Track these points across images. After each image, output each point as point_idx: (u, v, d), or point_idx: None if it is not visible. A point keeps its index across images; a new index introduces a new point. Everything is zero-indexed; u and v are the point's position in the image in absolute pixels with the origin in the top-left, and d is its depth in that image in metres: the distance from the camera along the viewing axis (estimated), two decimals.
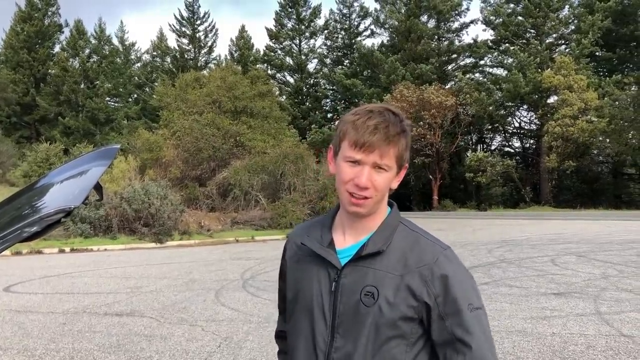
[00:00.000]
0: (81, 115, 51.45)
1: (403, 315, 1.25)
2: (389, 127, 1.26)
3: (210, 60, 61.45)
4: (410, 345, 1.27)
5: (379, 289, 1.26)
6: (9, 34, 53.76)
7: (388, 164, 1.27)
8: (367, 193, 1.27)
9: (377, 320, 1.25)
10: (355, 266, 1.30)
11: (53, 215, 0.99)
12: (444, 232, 20.98)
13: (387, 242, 1.30)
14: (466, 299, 1.25)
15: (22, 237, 0.99)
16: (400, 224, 1.35)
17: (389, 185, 1.31)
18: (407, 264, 1.27)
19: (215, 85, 27.57)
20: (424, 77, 50.42)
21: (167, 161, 24.96)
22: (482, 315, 1.27)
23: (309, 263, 1.37)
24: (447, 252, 1.31)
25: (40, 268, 13.01)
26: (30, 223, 0.99)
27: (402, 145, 1.29)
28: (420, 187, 53.25)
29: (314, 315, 1.33)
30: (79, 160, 1.33)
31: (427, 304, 1.25)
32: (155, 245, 18.62)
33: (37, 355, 5.63)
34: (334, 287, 1.30)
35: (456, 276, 1.27)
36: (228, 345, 5.75)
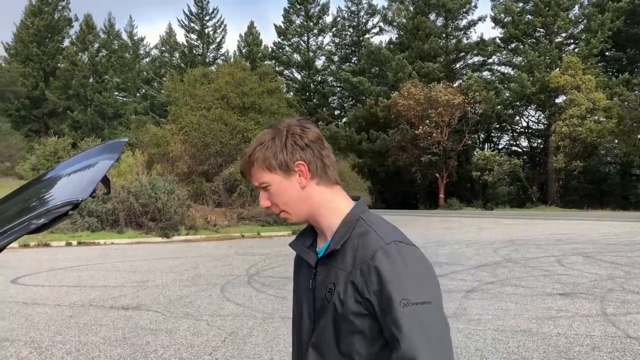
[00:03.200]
0: (90, 110, 51.68)
1: (352, 311, 1.26)
2: (247, 153, 1.39)
3: (219, 56, 61.63)
4: (372, 340, 1.27)
5: (336, 285, 1.30)
6: (20, 27, 54.07)
7: (263, 181, 1.37)
8: (274, 210, 1.40)
9: (334, 315, 1.30)
10: (325, 264, 1.36)
11: (60, 208, 1.00)
12: (449, 231, 20.95)
13: (343, 240, 1.32)
14: (400, 294, 1.19)
15: (30, 229, 0.99)
16: (360, 219, 1.35)
17: (285, 192, 1.36)
18: (354, 260, 1.29)
19: (223, 81, 27.60)
20: (432, 75, 50.29)
21: (175, 156, 25.03)
22: (422, 311, 1.19)
23: (302, 265, 1.47)
24: (388, 247, 1.26)
25: (48, 261, 13.10)
26: (38, 215, 1.00)
27: (263, 159, 1.35)
28: (426, 185, 53.14)
29: (302, 310, 1.43)
30: (87, 153, 1.34)
31: (370, 300, 1.24)
32: (162, 239, 18.71)
33: (44, 347, 5.67)
34: (312, 284, 1.39)
35: (391, 270, 1.22)
36: (233, 340, 5.78)
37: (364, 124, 54.03)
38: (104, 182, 1.58)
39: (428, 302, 1.20)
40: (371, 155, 51.63)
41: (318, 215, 1.38)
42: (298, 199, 1.36)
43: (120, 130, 46.00)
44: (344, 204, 1.39)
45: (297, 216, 1.39)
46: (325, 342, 1.33)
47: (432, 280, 1.27)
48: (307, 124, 1.40)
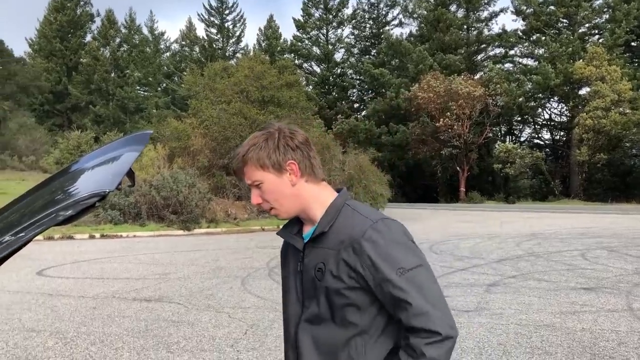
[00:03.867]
0: (111, 104, 52.27)
1: (346, 285, 1.40)
2: (242, 151, 1.49)
3: (238, 50, 61.74)
4: (364, 310, 1.41)
5: (325, 264, 1.43)
6: (43, 23, 54.82)
7: (256, 180, 1.48)
8: (264, 207, 1.52)
9: (327, 291, 1.43)
10: (312, 247, 1.49)
11: (87, 199, 1.00)
12: (470, 225, 20.78)
13: (330, 223, 1.46)
14: (395, 265, 1.36)
15: (57, 221, 1.00)
16: (345, 205, 1.50)
17: (277, 189, 1.48)
18: (343, 240, 1.42)
19: (243, 75, 27.63)
20: (452, 67, 49.81)
21: (195, 150, 25.18)
22: (417, 275, 1.37)
23: (290, 253, 1.60)
24: (376, 224, 1.41)
25: (72, 253, 13.30)
26: (65, 207, 1.00)
27: (256, 158, 1.46)
28: (447, 178, 52.77)
29: (290, 293, 1.55)
30: (112, 145, 1.34)
31: (363, 274, 1.38)
32: (183, 232, 18.87)
33: (69, 337, 5.76)
34: (300, 267, 1.52)
35: (384, 245, 1.38)
36: (254, 333, 5.80)
37: (383, 117, 53.76)
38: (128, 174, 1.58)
39: (420, 265, 1.39)
40: (391, 149, 51.37)
41: (307, 210, 1.51)
42: (289, 196, 1.49)
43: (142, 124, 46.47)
44: (331, 197, 1.53)
45: (287, 212, 1.52)
46: (318, 316, 1.46)
47: (415, 247, 1.44)
48: (295, 128, 1.54)
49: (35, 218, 1.01)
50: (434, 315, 1.34)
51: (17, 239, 0.97)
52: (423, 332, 1.34)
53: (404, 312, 1.36)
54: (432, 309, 1.34)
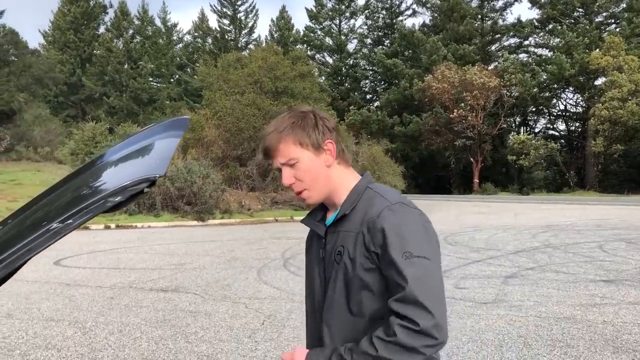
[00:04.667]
0: (125, 95, 52.50)
1: (362, 266, 1.38)
2: (277, 129, 1.43)
3: (251, 41, 61.68)
4: (379, 296, 1.37)
5: (345, 247, 1.42)
6: (57, 15, 55.10)
7: (292, 157, 1.43)
8: (296, 187, 1.46)
9: (344, 274, 1.41)
10: (332, 232, 1.48)
11: (136, 185, 0.97)
12: (484, 216, 20.65)
13: (352, 206, 1.44)
14: (403, 247, 1.32)
15: (106, 207, 0.97)
16: (367, 188, 1.48)
17: (314, 169, 1.45)
18: (363, 220, 1.40)
19: (256, 66, 27.60)
20: (467, 57, 49.37)
21: (209, 141, 25.23)
22: (423, 264, 1.32)
23: (313, 239, 1.59)
24: (393, 206, 1.39)
25: (88, 243, 13.40)
26: (114, 193, 0.97)
27: (296, 135, 1.42)
28: (460, 169, 52.49)
29: (314, 280, 1.54)
30: (150, 131, 1.31)
31: (376, 252, 1.36)
32: (197, 223, 18.95)
33: (87, 327, 5.79)
34: (322, 253, 1.50)
35: (395, 225, 1.35)
36: (272, 323, 5.79)
37: (396, 107, 53.48)
38: None
39: (427, 258, 1.33)
40: (404, 140, 51.14)
41: (334, 194, 1.49)
42: (323, 177, 1.46)
43: (155, 116, 46.65)
44: (355, 181, 1.51)
45: (318, 196, 1.48)
46: (336, 304, 1.44)
47: (433, 242, 1.39)
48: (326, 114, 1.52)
49: (82, 205, 0.98)
50: (423, 307, 1.27)
51: (65, 226, 0.94)
52: (403, 318, 1.27)
53: (394, 295, 1.31)
54: (424, 301, 1.27)
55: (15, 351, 5.03)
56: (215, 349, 4.99)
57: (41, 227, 0.97)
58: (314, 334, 1.53)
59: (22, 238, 0.95)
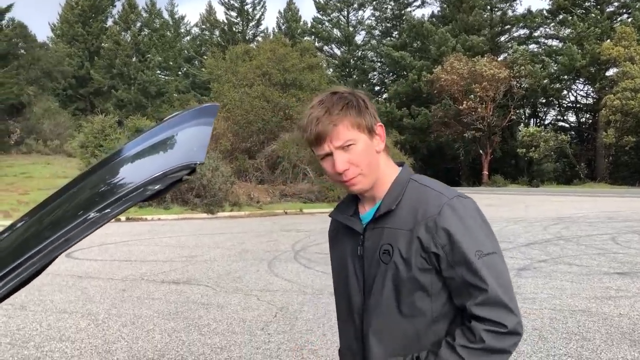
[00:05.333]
0: (133, 88, 52.57)
1: (417, 267, 1.29)
2: (329, 111, 1.32)
3: (258, 33, 61.49)
4: (435, 296, 1.31)
5: (393, 246, 1.32)
6: (65, 8, 55.17)
7: (349, 139, 1.32)
8: (350, 173, 1.34)
9: (394, 274, 1.31)
10: (374, 228, 1.37)
11: (177, 172, 0.94)
12: (494, 208, 20.54)
13: (397, 201, 1.35)
14: (473, 246, 1.27)
15: (145, 196, 0.93)
16: (411, 180, 1.40)
17: (369, 152, 1.35)
18: (416, 217, 1.31)
19: (265, 58, 27.53)
20: (476, 48, 48.99)
21: (218, 133, 25.21)
22: (495, 260, 1.28)
23: (343, 235, 1.47)
24: (453, 202, 1.32)
25: (98, 235, 13.42)
26: (154, 180, 0.94)
27: (352, 116, 1.32)
28: (469, 161, 52.24)
29: (349, 279, 1.42)
30: (180, 118, 1.27)
31: (437, 254, 1.28)
32: (207, 215, 18.99)
33: (100, 319, 5.81)
34: (360, 251, 1.39)
35: (461, 225, 1.29)
36: (284, 316, 5.78)
37: (405, 99, 53.24)
38: None
39: (495, 253, 1.29)
40: (412, 132, 50.94)
41: (377, 185, 1.39)
42: (375, 163, 1.37)
43: (164, 109, 46.59)
44: (395, 170, 1.43)
45: (369, 183, 1.37)
46: (383, 306, 1.34)
47: (491, 231, 1.34)
48: None
49: (121, 194, 0.95)
50: (506, 308, 1.25)
51: (103, 216, 0.91)
52: (488, 322, 1.24)
53: (472, 299, 1.26)
54: (508, 301, 1.26)
55: (29, 343, 5.05)
56: (228, 341, 4.98)
57: (78, 217, 0.94)
58: (350, 336, 1.44)
59: (59, 228, 0.92)
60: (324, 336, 5.06)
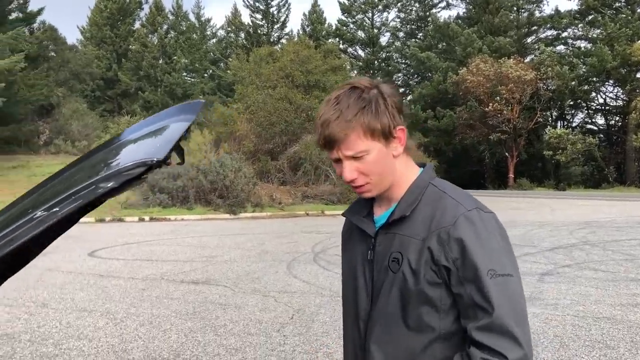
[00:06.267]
0: (160, 90, 53.21)
1: (426, 280, 1.20)
2: (342, 114, 1.20)
3: (283, 36, 61.67)
4: (444, 312, 1.21)
5: (403, 255, 1.23)
6: (94, 11, 56.11)
7: (361, 150, 1.21)
8: (358, 182, 1.25)
9: (401, 285, 1.22)
10: (386, 233, 1.28)
11: (132, 170, 0.90)
12: (520, 212, 20.22)
13: (412, 206, 1.25)
14: (487, 264, 1.15)
15: (97, 194, 0.90)
16: (430, 185, 1.29)
17: (382, 161, 1.24)
18: (430, 226, 1.22)
19: (288, 59, 27.60)
20: (502, 50, 48.37)
21: (241, 135, 25.37)
22: (509, 283, 1.16)
23: (355, 235, 1.39)
24: (471, 214, 1.20)
25: (122, 235, 13.61)
26: (106, 178, 0.90)
27: (367, 122, 1.20)
28: (495, 164, 51.59)
29: (357, 283, 1.34)
30: (160, 115, 1.24)
31: (447, 267, 1.18)
32: (229, 216, 19.08)
33: (119, 318, 5.85)
34: (371, 255, 1.31)
35: (476, 239, 1.17)
36: (301, 318, 5.75)
37: (429, 101, 52.85)
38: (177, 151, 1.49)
39: (510, 275, 1.17)
40: (437, 134, 50.52)
41: (393, 188, 1.30)
42: (389, 170, 1.27)
43: None
44: (415, 171, 1.32)
45: (379, 191, 1.29)
46: (389, 316, 1.26)
47: (511, 251, 1.23)
48: (390, 85, 1.28)
49: (71, 191, 0.91)
50: (512, 337, 1.12)
51: (51, 214, 0.88)
52: (487, 350, 1.12)
53: (475, 321, 1.15)
54: (516, 331, 1.12)
55: (48, 340, 5.11)
56: (244, 342, 4.97)
57: (26, 216, 0.91)
58: (356, 344, 1.35)
59: (5, 227, 0.89)
60: (340, 339, 5.01)
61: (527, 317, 1.18)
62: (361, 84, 1.25)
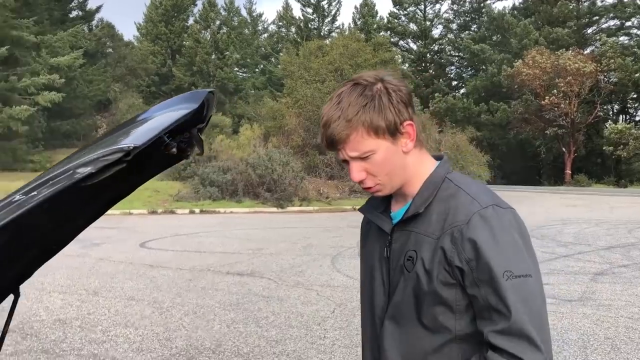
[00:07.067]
0: (212, 85, 54.13)
1: (440, 280, 1.15)
2: (343, 113, 1.15)
3: (334, 29, 61.56)
4: (460, 313, 1.16)
5: (418, 253, 1.18)
6: (149, 8, 57.63)
7: (366, 150, 1.17)
8: (367, 183, 1.22)
9: (415, 285, 1.18)
10: (402, 230, 1.24)
11: (109, 155, 0.90)
12: (577, 209, 19.52)
13: (426, 203, 1.20)
14: (502, 265, 1.10)
15: (75, 179, 0.90)
16: (446, 179, 1.23)
17: (390, 160, 1.19)
18: (444, 224, 1.16)
19: (337, 53, 27.55)
20: (560, 41, 46.73)
21: (290, 129, 25.52)
22: (527, 284, 1.10)
23: (373, 231, 1.34)
24: (486, 211, 1.14)
25: (172, 227, 13.96)
26: (84, 163, 0.91)
27: (370, 120, 1.15)
28: (551, 159, 50.02)
29: (374, 281, 1.30)
30: (165, 103, 1.23)
31: (461, 268, 1.13)
32: (277, 210, 19.27)
33: (165, 307, 5.99)
34: (387, 252, 1.27)
35: (491, 239, 1.11)
36: (342, 312, 5.73)
37: (483, 94, 51.71)
38: (197, 141, 1.48)
39: (528, 275, 1.11)
40: (491, 128, 49.40)
41: (407, 184, 1.25)
42: (399, 167, 1.21)
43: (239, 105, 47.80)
44: (430, 167, 1.26)
45: (391, 188, 1.24)
46: (404, 315, 1.22)
47: (530, 249, 1.16)
48: (397, 77, 1.22)
49: (50, 175, 0.93)
50: (530, 341, 1.06)
51: (29, 198, 0.89)
52: (506, 354, 1.07)
53: (492, 324, 1.10)
54: (535, 334, 1.07)
55: (97, 327, 5.28)
56: (285, 335, 4.99)
57: (6, 199, 0.92)
58: (372, 341, 1.31)
59: None
60: None
61: (546, 320, 1.12)
62: (364, 80, 1.19)
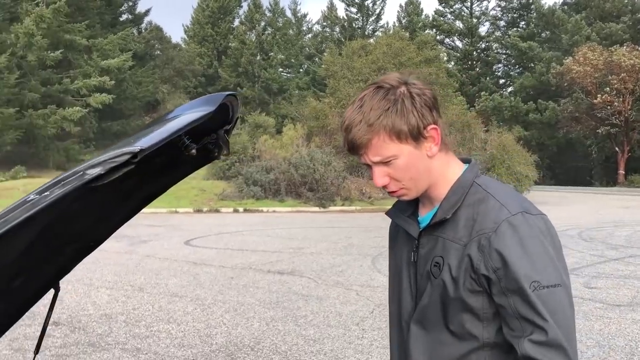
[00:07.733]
0: (257, 86, 54.79)
1: (467, 288, 1.14)
2: (365, 117, 1.14)
3: (378, 28, 61.27)
4: (487, 321, 1.15)
5: (445, 259, 1.17)
6: (196, 10, 58.83)
7: (389, 156, 1.15)
8: (391, 188, 1.21)
9: (441, 292, 1.17)
10: (430, 235, 1.22)
11: (117, 157, 0.93)
12: (630, 210, 18.81)
13: (454, 208, 1.18)
14: (530, 275, 1.08)
15: (85, 180, 0.93)
16: (474, 184, 1.21)
17: (413, 165, 1.17)
18: (472, 230, 1.15)
19: (381, 52, 27.39)
20: (614, 37, 45.09)
21: (332, 129, 25.51)
22: (556, 295, 1.09)
23: (401, 235, 1.33)
24: (515, 218, 1.12)
25: (217, 225, 14.21)
26: (93, 165, 0.94)
27: (392, 124, 1.13)
28: (603, 159, 48.33)
29: (402, 286, 1.29)
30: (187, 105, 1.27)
31: (487, 276, 1.12)
32: (319, 209, 19.34)
33: (207, 304, 6.12)
34: (414, 257, 1.26)
35: (519, 248, 1.10)
36: (381, 312, 5.71)
37: (531, 93, 50.43)
38: (223, 142, 1.51)
39: (558, 285, 1.10)
40: (539, 127, 48.12)
41: (433, 188, 1.22)
42: (424, 171, 1.19)
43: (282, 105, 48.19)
44: (457, 170, 1.24)
45: (417, 192, 1.22)
46: (430, 320, 1.21)
47: (561, 257, 1.14)
48: (419, 80, 1.21)
49: (61, 176, 0.97)
50: (563, 353, 1.07)
51: (42, 198, 0.93)
52: None
53: (522, 334, 1.10)
54: (567, 345, 1.08)
55: (141, 322, 5.44)
56: (323, 334, 5.01)
57: (22, 199, 0.97)
58: (400, 346, 1.31)
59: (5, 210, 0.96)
60: None
61: (574, 330, 1.12)
62: (387, 83, 1.18)
